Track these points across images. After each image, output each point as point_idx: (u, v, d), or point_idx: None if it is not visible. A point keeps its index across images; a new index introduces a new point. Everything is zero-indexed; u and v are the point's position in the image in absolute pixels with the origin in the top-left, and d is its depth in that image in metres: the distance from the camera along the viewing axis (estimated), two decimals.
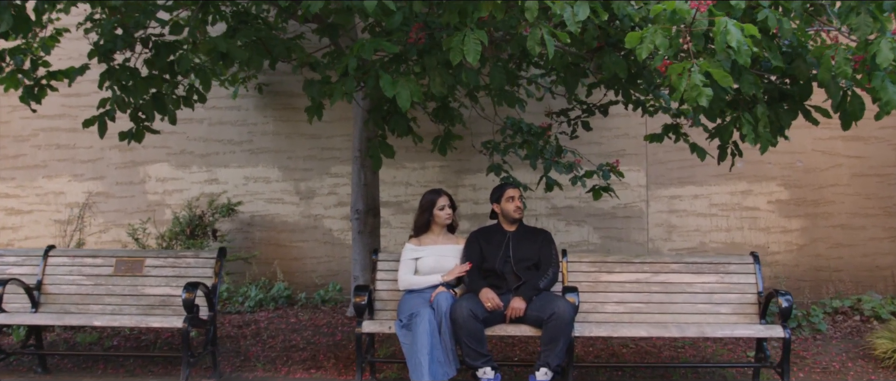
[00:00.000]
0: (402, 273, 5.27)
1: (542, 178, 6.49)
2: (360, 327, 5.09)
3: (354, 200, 6.77)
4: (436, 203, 5.40)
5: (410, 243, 5.41)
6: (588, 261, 5.57)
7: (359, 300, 5.13)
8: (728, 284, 5.47)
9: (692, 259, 5.56)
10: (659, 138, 6.24)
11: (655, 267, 5.52)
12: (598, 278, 5.51)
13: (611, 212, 8.09)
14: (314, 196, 8.15)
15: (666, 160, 8.10)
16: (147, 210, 8.14)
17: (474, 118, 7.55)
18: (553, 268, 5.24)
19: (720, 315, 5.39)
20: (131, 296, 5.59)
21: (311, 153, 8.15)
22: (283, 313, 7.09)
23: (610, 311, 5.42)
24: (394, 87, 4.66)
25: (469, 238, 5.42)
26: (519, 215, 5.40)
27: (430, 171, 8.14)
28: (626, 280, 5.49)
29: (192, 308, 5.15)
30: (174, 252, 5.72)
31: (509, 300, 5.06)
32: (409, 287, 5.23)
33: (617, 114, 8.05)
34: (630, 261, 5.55)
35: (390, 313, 5.36)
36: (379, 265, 5.53)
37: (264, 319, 6.88)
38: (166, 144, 8.18)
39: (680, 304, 5.43)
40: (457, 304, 4.92)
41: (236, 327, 6.59)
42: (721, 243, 8.05)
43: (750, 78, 4.51)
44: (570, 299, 5.03)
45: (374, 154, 5.56)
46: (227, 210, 7.84)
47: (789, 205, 8.08)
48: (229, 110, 8.18)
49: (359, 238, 6.76)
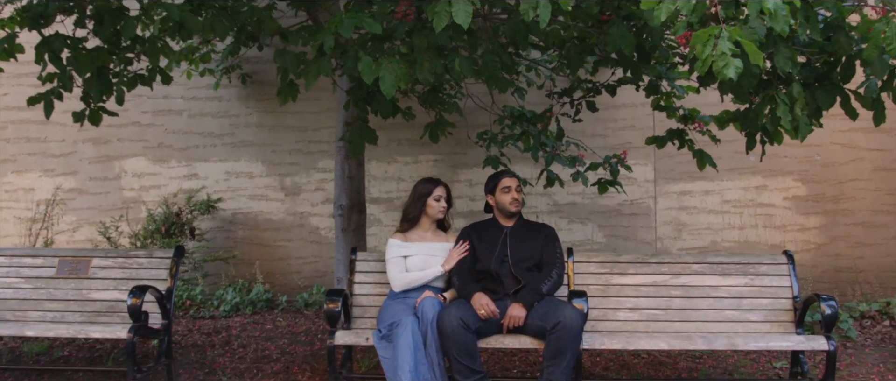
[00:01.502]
0: (395, 272, 4.26)
1: (543, 172, 5.51)
2: (333, 338, 4.08)
3: (338, 194, 5.76)
4: (432, 193, 4.41)
5: (395, 238, 4.41)
6: (597, 261, 4.54)
7: (331, 307, 4.11)
8: (758, 287, 4.45)
9: (717, 259, 4.54)
10: (661, 143, 5.27)
11: (675, 268, 4.49)
12: (608, 280, 4.48)
13: (616, 209, 7.07)
14: (300, 192, 7.14)
15: (675, 154, 7.02)
16: (122, 207, 7.14)
17: (472, 109, 6.55)
18: (557, 269, 4.21)
19: (750, 324, 4.36)
20: (75, 301, 4.57)
21: (298, 147, 7.14)
22: (260, 318, 6.07)
23: (623, 318, 4.40)
24: (376, 70, 3.69)
25: (460, 234, 4.42)
26: (516, 209, 4.39)
27: (423, 165, 7.13)
28: (642, 283, 4.47)
29: (139, 316, 4.15)
30: (124, 251, 4.71)
31: (506, 307, 4.05)
32: (407, 286, 4.23)
33: (623, 104, 7.06)
34: (646, 261, 4.53)
35: (371, 322, 4.36)
36: (358, 266, 4.52)
37: (238, 325, 5.86)
38: (143, 138, 7.18)
39: (704, 310, 4.40)
40: (445, 312, 3.91)
41: (205, 334, 5.57)
42: (734, 242, 7.03)
43: (786, 52, 3.55)
44: (577, 305, 4.02)
45: (354, 139, 4.53)
46: (206, 207, 6.84)
47: (807, 201, 7.06)
48: (210, 101, 7.18)
49: (342, 236, 5.73)
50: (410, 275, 4.24)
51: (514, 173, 4.54)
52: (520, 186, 4.46)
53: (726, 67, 3.05)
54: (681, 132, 5.36)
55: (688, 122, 5.41)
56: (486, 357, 5.01)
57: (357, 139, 4.50)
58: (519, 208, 4.39)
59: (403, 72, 3.75)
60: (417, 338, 3.85)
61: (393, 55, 3.82)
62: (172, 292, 4.49)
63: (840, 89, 3.97)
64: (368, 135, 4.54)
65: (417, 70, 3.86)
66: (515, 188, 4.41)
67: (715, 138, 5.36)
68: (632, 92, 7.03)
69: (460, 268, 4.23)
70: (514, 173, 4.53)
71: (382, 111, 4.50)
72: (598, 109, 5.47)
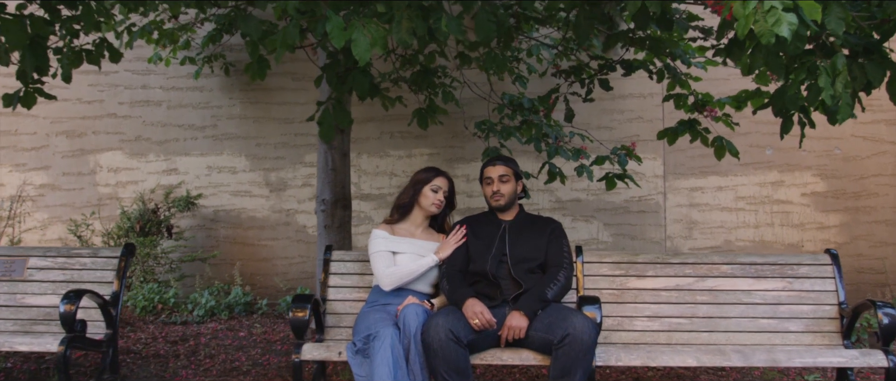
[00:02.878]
0: (382, 268, 3.39)
1: (545, 165, 4.69)
2: (299, 353, 3.23)
3: (320, 187, 4.92)
4: (430, 181, 3.59)
5: (380, 229, 3.55)
6: (611, 262, 3.69)
7: (298, 315, 3.26)
8: (798, 292, 3.59)
9: (749, 259, 3.68)
10: (673, 137, 4.45)
11: (700, 270, 3.64)
12: (624, 284, 3.63)
13: (623, 206, 6.22)
14: (286, 188, 6.31)
15: (686, 147, 6.22)
16: (97, 204, 6.31)
17: (470, 99, 5.72)
18: (565, 271, 3.36)
19: (790, 335, 3.51)
20: (7, 307, 3.73)
21: (284, 140, 6.31)
22: (236, 324, 5.22)
23: (641, 328, 3.55)
24: (347, 33, 2.87)
25: (453, 227, 3.59)
26: (497, 203, 3.54)
27: (417, 159, 6.29)
28: (662, 287, 3.61)
29: (73, 325, 3.31)
30: (66, 250, 3.87)
31: (505, 316, 3.22)
32: (399, 282, 3.38)
33: (630, 94, 6.22)
34: (667, 262, 3.67)
35: (348, 332, 3.52)
36: (333, 267, 3.67)
37: (210, 332, 5.01)
38: (120, 130, 6.35)
39: (735, 319, 3.55)
40: (432, 322, 3.07)
41: (171, 342, 4.72)
42: (748, 241, 6.18)
43: (838, 10, 2.76)
44: (588, 314, 3.17)
45: (324, 121, 3.68)
46: (185, 204, 6.00)
47: (826, 198, 6.20)
48: (191, 92, 6.35)
49: (325, 234, 4.89)
50: (401, 268, 3.40)
51: (507, 160, 3.64)
52: (506, 176, 3.55)
53: (777, 23, 2.36)
54: (693, 123, 4.53)
55: (701, 109, 4.58)
56: (477, 376, 4.16)
57: (328, 122, 3.65)
58: (503, 202, 3.53)
59: (379, 34, 2.92)
60: (398, 353, 3.02)
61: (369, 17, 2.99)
62: (119, 296, 3.65)
63: (891, 64, 3.14)
64: (342, 116, 3.70)
65: (395, 30, 3.02)
66: (499, 178, 3.54)
67: (731, 124, 4.53)
68: (640, 81, 6.24)
69: (451, 269, 3.39)
70: (506, 160, 3.63)
71: (359, 90, 3.66)
72: (611, 87, 4.62)
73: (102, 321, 3.57)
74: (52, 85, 6.38)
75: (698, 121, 4.53)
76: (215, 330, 5.00)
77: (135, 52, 6.31)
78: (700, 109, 4.58)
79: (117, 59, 4.03)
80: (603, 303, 3.38)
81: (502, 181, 3.54)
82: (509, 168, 3.58)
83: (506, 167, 3.57)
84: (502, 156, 3.68)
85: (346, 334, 3.50)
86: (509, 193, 3.54)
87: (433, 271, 3.46)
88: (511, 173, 3.57)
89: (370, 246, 3.49)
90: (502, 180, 3.54)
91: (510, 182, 3.55)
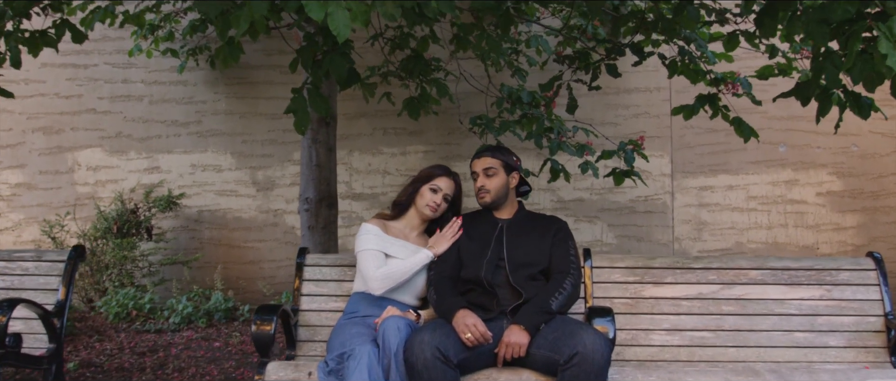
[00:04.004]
0: (371, 268, 2.80)
1: (547, 162, 4.12)
2: (263, 373, 2.65)
3: (304, 185, 4.36)
4: (430, 180, 3.00)
5: (372, 223, 2.96)
6: (624, 267, 3.09)
7: (262, 329, 2.68)
8: (837, 301, 3.00)
9: (781, 263, 3.08)
10: (690, 112, 3.88)
11: (726, 275, 3.05)
12: (639, 291, 3.04)
13: (629, 206, 5.63)
14: (274, 187, 5.73)
15: (694, 144, 5.66)
16: (76, 204, 5.74)
17: (467, 93, 5.16)
18: (571, 278, 2.76)
19: (829, 351, 2.92)
20: None
21: (271, 136, 5.74)
22: (213, 332, 4.63)
23: (659, 343, 2.96)
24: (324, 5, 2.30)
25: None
26: (482, 200, 2.98)
27: (411, 157, 5.71)
28: (683, 295, 3.02)
29: (3, 340, 2.74)
30: (7, 253, 3.30)
31: (502, 331, 2.64)
32: (391, 283, 2.80)
33: (636, 88, 5.65)
34: (688, 267, 3.07)
35: (323, 348, 2.94)
36: (306, 272, 3.09)
37: (184, 341, 4.43)
38: (99, 126, 5.78)
39: (766, 332, 2.96)
40: (416, 338, 2.48)
41: (139, 354, 4.14)
42: (760, 243, 5.60)
43: None
44: (600, 328, 2.60)
45: (298, 108, 3.09)
46: (167, 204, 5.43)
47: (843, 198, 5.62)
48: (174, 86, 5.78)
49: (309, 236, 4.33)
50: (393, 268, 2.81)
51: (496, 150, 3.03)
52: (492, 169, 2.94)
53: None
54: (713, 97, 3.96)
55: (720, 84, 4.01)
56: None
57: (302, 110, 3.07)
58: (484, 200, 2.96)
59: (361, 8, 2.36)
60: (376, 376, 2.44)
61: None
62: (65, 305, 3.07)
63: None
64: (318, 103, 3.11)
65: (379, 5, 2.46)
66: (484, 172, 2.95)
67: (755, 99, 3.97)
68: (646, 75, 5.67)
69: (439, 276, 2.81)
70: (494, 150, 3.02)
71: (337, 75, 3.08)
72: (620, 74, 4.03)
73: (45, 334, 2.99)
74: (28, 79, 5.87)
75: (719, 96, 3.97)
76: (190, 340, 4.42)
77: (115, 45, 5.75)
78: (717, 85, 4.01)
79: (80, 41, 3.45)
80: (616, 313, 2.80)
81: (488, 175, 2.95)
82: (496, 160, 2.97)
83: (492, 158, 2.97)
84: (491, 146, 3.07)
85: (321, 349, 2.92)
86: (496, 188, 2.94)
87: (421, 279, 2.89)
88: (499, 165, 2.96)
89: (359, 242, 2.89)
90: (488, 174, 2.95)
91: (498, 176, 2.95)
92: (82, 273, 5.23)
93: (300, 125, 3.10)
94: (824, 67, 2.83)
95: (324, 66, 3.12)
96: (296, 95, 3.16)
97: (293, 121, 3.14)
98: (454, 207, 3.07)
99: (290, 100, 3.08)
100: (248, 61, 5.66)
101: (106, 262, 5.17)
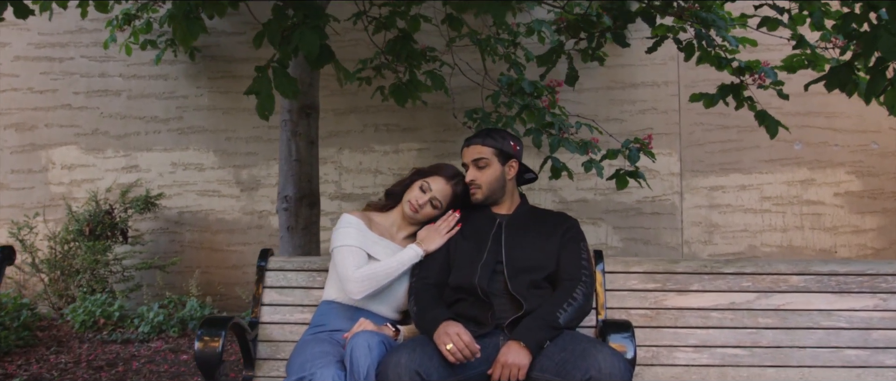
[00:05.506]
0: (351, 268, 2.23)
1: (548, 159, 3.57)
2: None
3: (282, 182, 3.80)
4: (426, 177, 2.43)
5: (354, 215, 2.37)
6: (641, 272, 2.51)
7: (209, 346, 2.12)
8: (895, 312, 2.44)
9: (827, 268, 2.51)
10: (710, 101, 3.35)
11: (763, 282, 2.47)
12: (660, 301, 2.47)
13: (635, 207, 5.07)
14: (259, 187, 5.18)
15: (704, 141, 5.10)
16: (50, 204, 5.19)
17: (463, 87, 4.61)
18: (583, 287, 2.19)
19: (887, 371, 2.34)
20: None
21: (256, 133, 5.19)
22: (184, 343, 4.04)
23: (684, 362, 2.39)
24: None
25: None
26: (474, 197, 2.39)
27: (404, 155, 5.16)
28: (712, 305, 2.45)
29: None
30: None
31: (498, 349, 2.06)
32: (375, 287, 2.22)
33: (642, 83, 5.10)
34: (718, 271, 2.49)
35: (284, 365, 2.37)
36: (268, 278, 2.52)
37: (150, 353, 3.86)
38: (75, 123, 5.24)
39: (811, 349, 2.39)
40: (391, 359, 1.92)
41: (96, 368, 3.57)
42: (775, 247, 5.03)
43: None
44: (616, 346, 2.04)
45: (261, 89, 2.54)
46: (144, 204, 4.88)
47: (862, 198, 5.05)
48: (154, 80, 5.24)
49: (288, 237, 3.77)
50: (376, 268, 2.24)
51: (488, 135, 2.44)
52: (484, 159, 2.37)
53: None
54: (737, 87, 3.42)
55: (744, 73, 3.47)
56: None
57: (265, 91, 2.51)
58: (476, 197, 2.38)
59: None
60: None
61: None
62: None
63: None
64: (284, 84, 2.55)
65: None
66: (474, 163, 2.38)
67: (783, 93, 3.43)
68: (653, 68, 5.11)
69: (422, 283, 2.24)
70: (485, 136, 2.43)
71: (307, 51, 2.53)
72: (629, 44, 3.45)
73: None
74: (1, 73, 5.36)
75: (744, 84, 3.42)
76: (156, 351, 3.84)
77: (92, 37, 5.21)
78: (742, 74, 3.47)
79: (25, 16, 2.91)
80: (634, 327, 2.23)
81: (479, 167, 2.38)
82: (488, 147, 2.39)
83: (483, 147, 2.39)
84: (482, 131, 2.48)
85: (284, 370, 2.36)
86: (489, 181, 2.37)
87: (403, 286, 2.32)
88: (492, 154, 2.39)
89: (336, 237, 2.30)
90: (479, 166, 2.38)
91: (491, 167, 2.38)
92: (52, 278, 4.68)
93: (262, 109, 2.55)
94: (879, 35, 2.29)
95: (292, 40, 2.58)
96: (259, 73, 2.62)
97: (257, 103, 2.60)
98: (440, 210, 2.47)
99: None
100: (232, 54, 5.13)
101: (77, 266, 4.62)
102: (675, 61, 5.06)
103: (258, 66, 2.64)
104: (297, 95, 2.61)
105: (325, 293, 2.34)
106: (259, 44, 2.69)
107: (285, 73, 2.61)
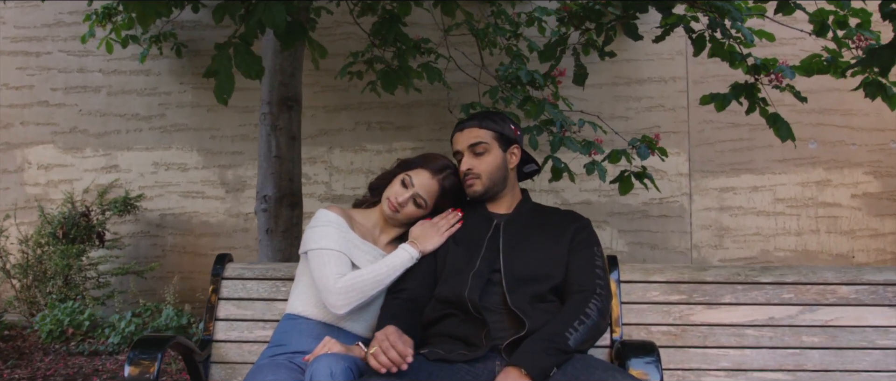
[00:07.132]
0: (332, 275, 1.76)
1: (548, 159, 3.13)
2: None
3: (261, 181, 3.37)
4: (408, 169, 1.97)
5: (334, 211, 1.90)
6: (663, 281, 2.05)
7: (141, 371, 1.68)
8: None
9: (882, 276, 2.05)
10: (722, 103, 2.92)
11: (807, 294, 2.02)
12: (686, 316, 2.02)
13: (642, 209, 4.63)
14: (245, 188, 4.75)
15: (714, 140, 4.66)
16: (25, 206, 4.76)
17: (461, 82, 4.18)
18: (598, 301, 1.73)
19: None
20: None
21: (242, 132, 4.76)
22: None
23: None
24: None
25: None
26: (472, 189, 1.92)
27: (398, 154, 4.72)
28: (748, 321, 2.00)
29: None
30: None
31: (493, 375, 1.60)
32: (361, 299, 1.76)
33: (649, 79, 4.67)
34: (754, 281, 2.04)
35: None
36: (224, 288, 2.09)
37: (116, 367, 3.41)
38: (52, 120, 4.81)
39: (865, 373, 1.94)
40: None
41: None
42: (789, 252, 4.59)
43: None
44: (636, 373, 1.59)
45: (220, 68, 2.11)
46: (123, 206, 4.45)
47: (881, 200, 4.61)
48: (135, 76, 4.81)
49: (267, 241, 3.33)
50: (363, 275, 1.77)
51: (485, 117, 1.97)
52: (482, 144, 1.91)
53: None
54: (752, 87, 2.99)
55: (760, 72, 3.03)
56: None
57: (225, 71, 2.09)
58: (475, 189, 1.91)
59: None
60: None
61: None
62: None
63: None
64: (246, 63, 2.12)
65: None
66: (470, 149, 1.91)
67: (801, 96, 2.98)
68: (661, 63, 4.69)
69: (391, 297, 1.80)
70: (482, 118, 1.96)
71: (273, 26, 2.10)
72: (642, 36, 3.01)
73: None
74: None
75: (758, 86, 2.99)
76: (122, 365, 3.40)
77: (70, 31, 4.79)
78: (757, 73, 3.03)
79: None
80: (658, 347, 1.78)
81: (476, 153, 1.92)
82: (486, 130, 1.94)
83: (481, 129, 1.93)
84: (478, 113, 2.02)
85: None
86: (490, 170, 1.91)
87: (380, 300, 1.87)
88: (491, 138, 1.93)
89: (313, 236, 1.85)
90: (476, 152, 1.91)
91: (491, 153, 1.92)
92: (24, 284, 4.25)
93: (220, 91, 2.13)
94: None
95: (255, 14, 2.15)
96: (219, 51, 2.18)
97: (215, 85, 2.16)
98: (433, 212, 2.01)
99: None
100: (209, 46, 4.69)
101: (50, 272, 4.19)
102: (683, 56, 4.63)
103: (218, 43, 2.21)
104: (261, 74, 2.18)
105: (289, 306, 1.88)
106: (219, 19, 2.26)
107: (248, 50, 2.18)
